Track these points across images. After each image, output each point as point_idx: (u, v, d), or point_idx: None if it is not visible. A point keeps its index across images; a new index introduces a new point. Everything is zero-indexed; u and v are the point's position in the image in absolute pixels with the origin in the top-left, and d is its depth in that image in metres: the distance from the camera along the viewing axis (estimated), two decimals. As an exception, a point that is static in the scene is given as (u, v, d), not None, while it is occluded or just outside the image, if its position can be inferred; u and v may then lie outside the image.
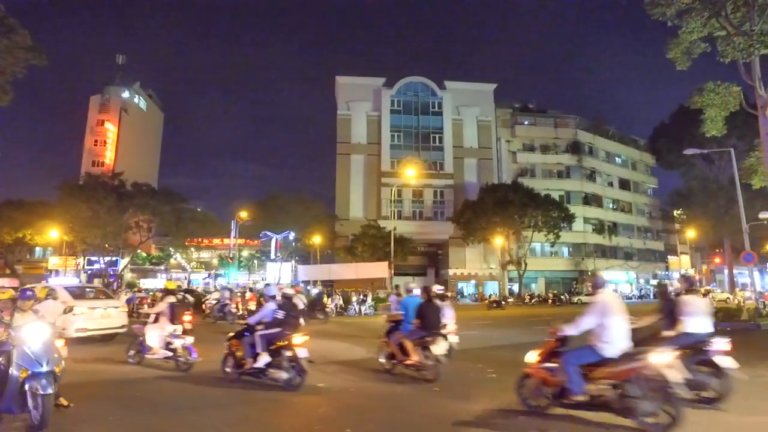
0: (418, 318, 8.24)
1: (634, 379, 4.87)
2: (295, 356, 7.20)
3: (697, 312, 6.32)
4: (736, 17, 19.66)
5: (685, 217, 59.68)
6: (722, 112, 22.07)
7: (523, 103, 64.98)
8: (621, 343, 5.11)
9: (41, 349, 5.13)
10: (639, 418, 4.83)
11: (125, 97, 71.03)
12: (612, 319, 5.13)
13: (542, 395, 5.58)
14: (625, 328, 5.21)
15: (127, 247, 48.61)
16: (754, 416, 5.73)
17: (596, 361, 5.13)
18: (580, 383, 5.11)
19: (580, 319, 5.31)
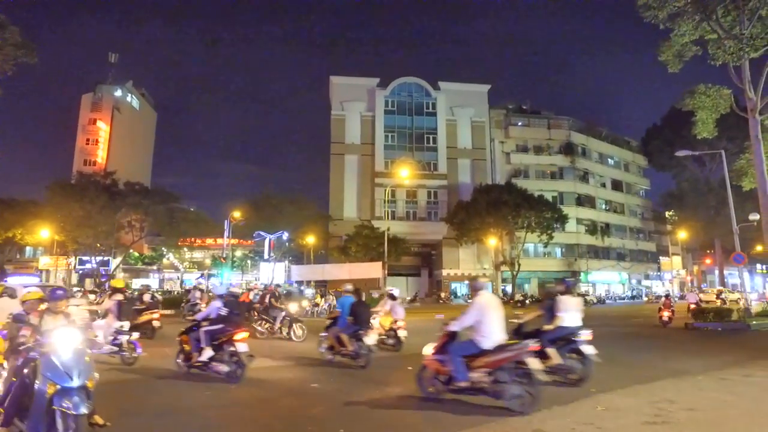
0: (351, 315, 9.67)
1: (505, 367, 5.78)
2: (235, 351, 7.77)
3: (570, 309, 7.67)
4: (726, 21, 19.87)
5: (677, 218, 60.20)
6: (713, 115, 22.30)
7: (517, 104, 65.15)
8: (496, 337, 5.99)
9: (72, 360, 4.40)
10: (507, 399, 5.73)
11: (118, 96, 70.58)
12: (488, 317, 6.03)
13: (436, 383, 6.35)
14: (499, 324, 6.09)
15: (119, 247, 48.28)
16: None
17: (476, 352, 5.98)
18: (463, 372, 5.96)
19: (462, 317, 6.22)
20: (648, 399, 6.38)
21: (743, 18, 19.37)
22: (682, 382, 7.58)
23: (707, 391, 6.92)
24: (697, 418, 5.50)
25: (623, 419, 5.45)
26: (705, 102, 21.88)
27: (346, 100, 57.31)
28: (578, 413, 5.69)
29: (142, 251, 60.41)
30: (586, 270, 56.07)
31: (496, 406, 5.85)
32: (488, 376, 5.85)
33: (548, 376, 6.76)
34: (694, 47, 21.03)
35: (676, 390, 6.97)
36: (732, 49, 19.07)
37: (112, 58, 73.16)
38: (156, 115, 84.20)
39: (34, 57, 22.54)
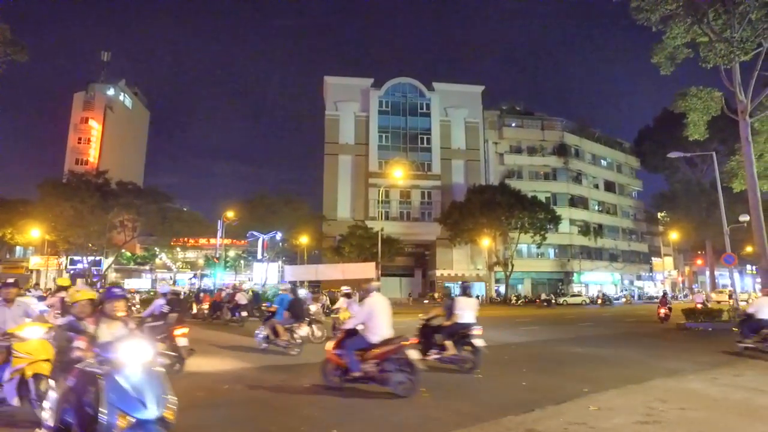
0: (287, 310, 11.34)
1: (390, 358, 6.66)
2: (175, 345, 8.30)
3: (466, 308, 8.97)
4: (717, 24, 20.05)
5: (669, 219, 60.67)
6: (704, 117, 22.49)
7: (511, 105, 65.43)
8: (383, 332, 6.86)
9: (145, 382, 3.52)
10: (392, 385, 6.61)
11: (110, 95, 70.09)
12: (376, 316, 6.91)
13: (336, 374, 7.09)
14: (386, 322, 6.99)
15: (111, 247, 47.96)
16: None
17: (366, 346, 6.83)
18: (356, 364, 6.77)
19: (355, 317, 7.30)
20: (640, 398, 6.42)
21: (734, 21, 19.56)
22: (673, 382, 7.64)
23: (698, 391, 6.97)
24: (688, 417, 5.54)
25: (615, 419, 5.47)
26: (696, 104, 22.07)
27: (340, 100, 57.28)
28: (571, 413, 5.72)
29: (134, 251, 60.05)
30: (578, 271, 56.38)
31: (383, 392, 6.65)
32: (377, 366, 6.71)
33: (446, 365, 8.57)
34: (686, 50, 21.21)
35: (667, 389, 7.02)
36: (723, 52, 19.25)
37: (105, 56, 72.67)
38: (149, 114, 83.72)
39: (24, 55, 22.33)
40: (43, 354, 5.26)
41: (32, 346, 5.26)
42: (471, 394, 7.10)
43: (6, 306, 5.85)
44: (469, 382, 8.00)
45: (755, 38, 19.41)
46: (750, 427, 5.23)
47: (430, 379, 8.06)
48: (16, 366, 5.17)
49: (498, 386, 7.60)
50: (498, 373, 8.68)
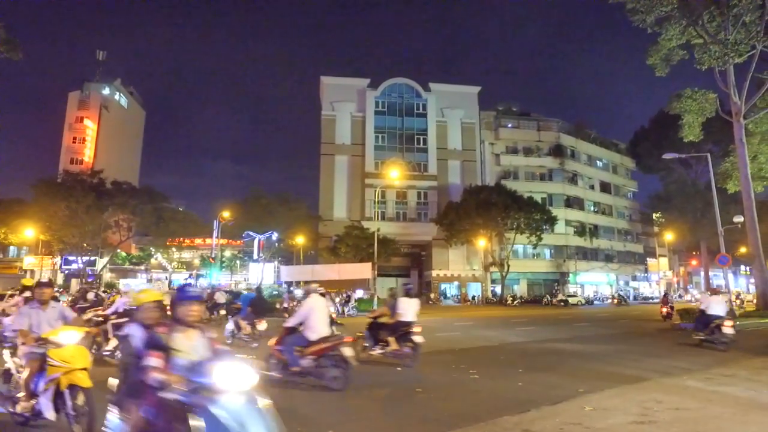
0: (250, 307, 12.86)
1: (326, 354, 7.21)
2: None
3: (408, 308, 9.88)
4: (712, 26, 20.16)
5: (664, 220, 60.92)
6: (699, 118, 22.62)
7: (507, 106, 65.54)
8: (320, 331, 7.41)
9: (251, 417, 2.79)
10: (327, 380, 7.14)
11: (105, 94, 69.79)
12: (314, 315, 7.46)
13: (279, 368, 7.58)
14: (324, 320, 7.58)
15: (106, 247, 47.80)
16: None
17: (305, 343, 7.36)
18: (295, 359, 7.29)
19: (294, 316, 7.81)
20: (635, 398, 6.45)
21: (728, 24, 19.68)
22: (668, 382, 7.68)
23: (692, 391, 7.01)
24: (682, 417, 5.57)
25: (611, 419, 5.50)
26: (691, 106, 22.19)
27: (337, 100, 57.25)
28: (566, 413, 5.74)
29: (129, 251, 59.84)
30: (574, 271, 56.52)
31: (318, 386, 7.07)
32: (314, 362, 7.23)
33: (389, 359, 9.49)
34: (681, 51, 21.33)
35: (662, 390, 7.06)
36: (717, 54, 19.36)
37: (100, 55, 72.40)
38: (144, 113, 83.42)
39: (18, 54, 22.22)
40: (80, 362, 4.77)
41: (68, 353, 4.77)
42: (467, 394, 7.12)
43: (40, 308, 5.32)
44: (465, 382, 8.02)
45: (749, 40, 19.54)
46: (743, 427, 5.27)
47: (428, 379, 8.09)
48: (51, 375, 4.69)
49: (494, 386, 7.62)
50: (494, 374, 8.70)
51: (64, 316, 5.47)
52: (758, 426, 5.29)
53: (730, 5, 18.82)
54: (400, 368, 9.15)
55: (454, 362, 9.92)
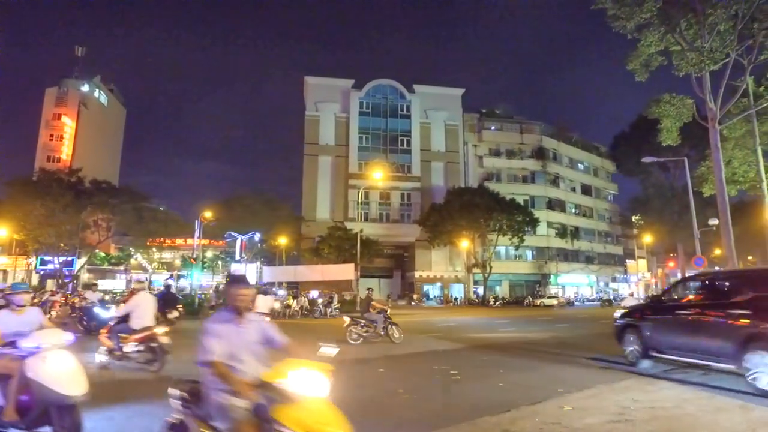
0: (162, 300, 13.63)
1: (145, 342, 8.43)
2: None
3: (263, 304, 13.27)
4: (689, 34, 20.67)
5: (643, 222, 62.07)
6: (677, 123, 23.15)
7: (490, 109, 66.15)
8: (144, 322, 8.56)
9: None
10: (144, 363, 8.38)
11: (84, 91, 68.59)
12: (139, 308, 8.66)
13: (105, 353, 8.80)
14: (148, 313, 8.72)
15: (84, 247, 46.83)
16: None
17: (128, 332, 8.57)
18: (119, 344, 8.62)
19: (122, 309, 9.21)
20: (612, 398, 6.56)
21: (704, 32, 20.19)
22: (644, 382, 7.82)
23: (668, 390, 7.16)
24: (658, 416, 5.69)
25: (589, 418, 5.58)
26: (669, 111, 22.69)
27: (321, 101, 57.10)
28: (545, 413, 5.82)
29: (108, 251, 58.84)
30: (555, 273, 57.22)
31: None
32: (136, 347, 8.45)
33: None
34: (660, 57, 21.79)
35: (639, 389, 7.19)
36: (694, 61, 19.84)
37: (79, 51, 71.04)
38: (125, 111, 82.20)
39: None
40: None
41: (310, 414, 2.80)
42: (448, 395, 7.16)
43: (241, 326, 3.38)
44: (447, 383, 8.07)
45: (723, 48, 20.09)
46: (715, 424, 5.41)
47: (410, 380, 8.12)
48: None
49: (475, 387, 7.68)
50: (475, 374, 8.77)
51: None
52: (729, 423, 5.44)
53: (706, 14, 19.30)
54: (383, 369, 9.17)
55: (436, 363, 9.97)
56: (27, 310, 5.17)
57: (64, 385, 4.15)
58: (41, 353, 4.27)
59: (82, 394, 4.24)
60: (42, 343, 4.35)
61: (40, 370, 4.16)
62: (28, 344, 4.32)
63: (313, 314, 26.89)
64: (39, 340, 4.38)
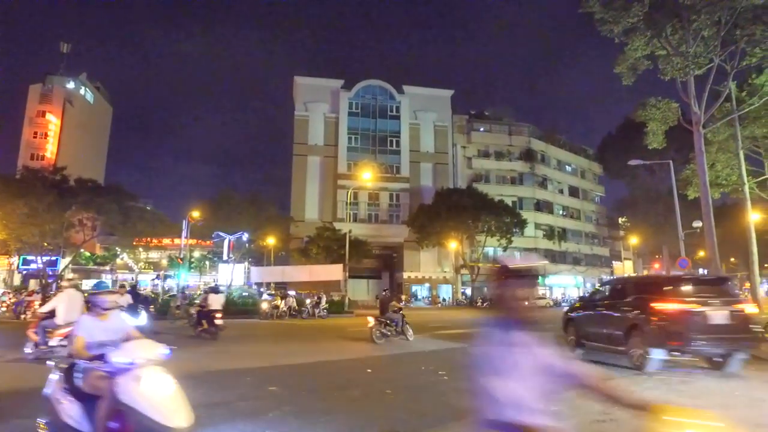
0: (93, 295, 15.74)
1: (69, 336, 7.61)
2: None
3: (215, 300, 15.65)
4: (674, 39, 21.03)
5: (629, 224, 62.80)
6: (663, 126, 23.51)
7: (479, 110, 66.50)
8: (69, 318, 8.49)
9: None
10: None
11: (70, 88, 67.53)
12: (64, 304, 8.91)
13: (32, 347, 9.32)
14: (75, 308, 8.73)
15: (68, 246, 46.11)
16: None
17: (54, 327, 8.79)
18: (44, 339, 9.02)
19: (47, 304, 9.68)
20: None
21: (689, 37, 20.54)
22: (629, 382, 7.92)
23: (651, 390, 7.26)
24: (641, 416, 5.76)
25: (574, 418, 5.63)
26: (655, 114, 23.05)
27: (310, 101, 56.95)
28: (531, 413, 5.84)
29: (93, 251, 58.02)
30: (543, 274, 57.63)
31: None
32: (60, 342, 8.43)
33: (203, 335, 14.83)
34: (646, 61, 22.13)
35: (622, 389, 7.27)
36: (679, 65, 20.19)
37: (65, 47, 69.93)
38: (112, 109, 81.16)
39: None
40: None
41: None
42: (436, 396, 7.18)
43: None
44: (435, 383, 8.09)
45: (707, 54, 20.48)
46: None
47: (398, 381, 8.13)
48: None
49: (463, 387, 7.69)
50: (463, 375, 8.76)
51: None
52: (710, 422, 5.54)
53: (691, 20, 19.63)
54: (370, 370, 9.22)
55: (424, 364, 10.00)
56: (111, 315, 4.30)
57: (166, 413, 3.39)
58: (135, 371, 3.51)
59: (188, 426, 3.45)
60: (135, 357, 3.56)
61: (134, 392, 3.43)
62: (119, 359, 3.54)
63: (302, 315, 26.80)
64: (132, 353, 3.59)
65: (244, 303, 27.17)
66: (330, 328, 20.01)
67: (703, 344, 8.48)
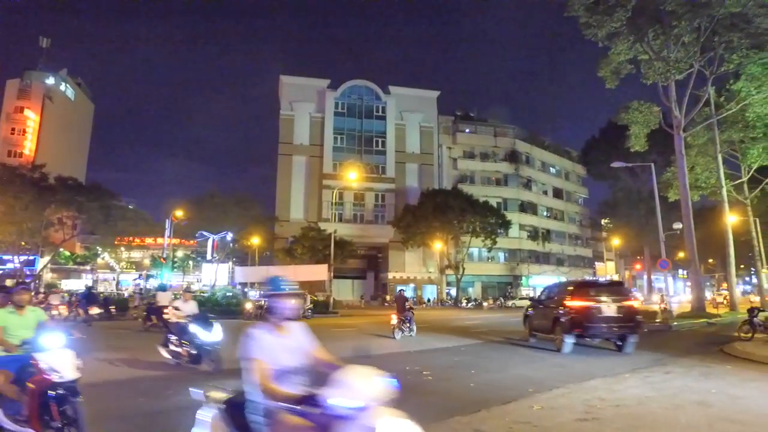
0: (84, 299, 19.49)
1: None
2: None
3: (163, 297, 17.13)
4: (656, 44, 21.44)
5: (612, 225, 63.72)
6: (645, 130, 23.96)
7: (465, 112, 66.82)
8: None
9: None
10: None
11: (50, 84, 66.14)
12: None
13: None
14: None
15: (47, 246, 45.20)
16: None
17: None
18: None
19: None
20: (580, 397, 6.72)
21: (669, 43, 20.96)
22: (611, 381, 8.04)
23: (633, 389, 7.39)
24: (623, 414, 5.87)
25: (558, 417, 5.71)
26: (638, 117, 23.47)
27: (296, 100, 56.66)
28: (516, 413, 5.91)
29: (74, 250, 57.02)
30: (527, 274, 58.16)
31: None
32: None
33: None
34: (629, 66, 22.52)
35: (605, 388, 7.39)
36: (660, 70, 20.59)
37: (44, 42, 68.43)
38: (93, 106, 79.75)
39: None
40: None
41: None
42: (419, 396, 7.19)
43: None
44: (418, 383, 8.11)
45: (687, 59, 20.92)
46: (674, 420, 5.61)
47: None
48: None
49: (447, 387, 7.75)
50: (448, 375, 8.85)
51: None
52: (687, 418, 5.66)
53: (672, 26, 20.07)
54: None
55: (409, 364, 10.01)
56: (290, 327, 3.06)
57: None
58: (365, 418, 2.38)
59: None
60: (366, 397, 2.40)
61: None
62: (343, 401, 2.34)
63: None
64: (358, 390, 2.39)
65: (228, 303, 27.01)
66: (315, 329, 19.92)
67: (599, 330, 11.50)
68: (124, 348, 12.14)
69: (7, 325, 4.91)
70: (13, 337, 4.88)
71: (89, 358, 6.58)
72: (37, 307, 5.50)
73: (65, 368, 4.49)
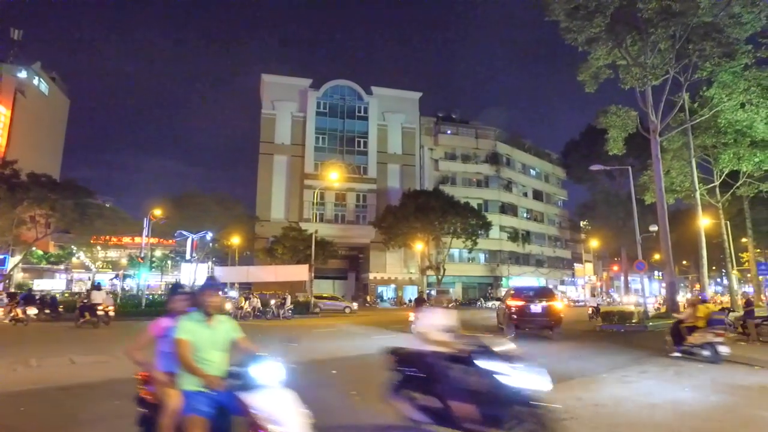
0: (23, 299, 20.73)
1: None
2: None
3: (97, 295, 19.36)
4: (634, 50, 21.95)
5: (590, 227, 64.81)
6: (622, 134, 24.48)
7: (447, 113, 67.24)
8: None
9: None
10: None
11: (22, 78, 64.27)
12: None
13: None
14: None
15: (18, 244, 43.97)
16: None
17: None
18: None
19: None
20: (558, 397, 6.80)
21: (647, 49, 21.47)
22: (589, 381, 8.18)
23: (610, 388, 7.53)
24: (600, 413, 5.97)
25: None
26: (616, 121, 23.98)
27: (278, 99, 56.28)
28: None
29: (47, 249, 55.59)
30: (507, 275, 58.75)
31: None
32: None
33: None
34: (608, 70, 23.00)
35: (583, 388, 7.51)
36: (638, 75, 21.08)
37: (16, 34, 66.50)
38: (69, 102, 77.84)
39: None
40: None
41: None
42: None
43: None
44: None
45: (663, 65, 21.48)
46: (649, 419, 5.75)
47: (361, 380, 8.12)
48: None
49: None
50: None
51: None
52: (662, 416, 5.81)
53: (649, 32, 20.58)
54: (335, 371, 9.15)
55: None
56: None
57: None
58: None
59: None
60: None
61: None
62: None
63: (266, 316, 26.46)
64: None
65: None
66: (295, 329, 19.82)
67: (528, 324, 15.39)
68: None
69: (197, 342, 3.37)
70: (206, 362, 3.37)
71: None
72: (228, 317, 3.76)
73: (290, 422, 3.26)
